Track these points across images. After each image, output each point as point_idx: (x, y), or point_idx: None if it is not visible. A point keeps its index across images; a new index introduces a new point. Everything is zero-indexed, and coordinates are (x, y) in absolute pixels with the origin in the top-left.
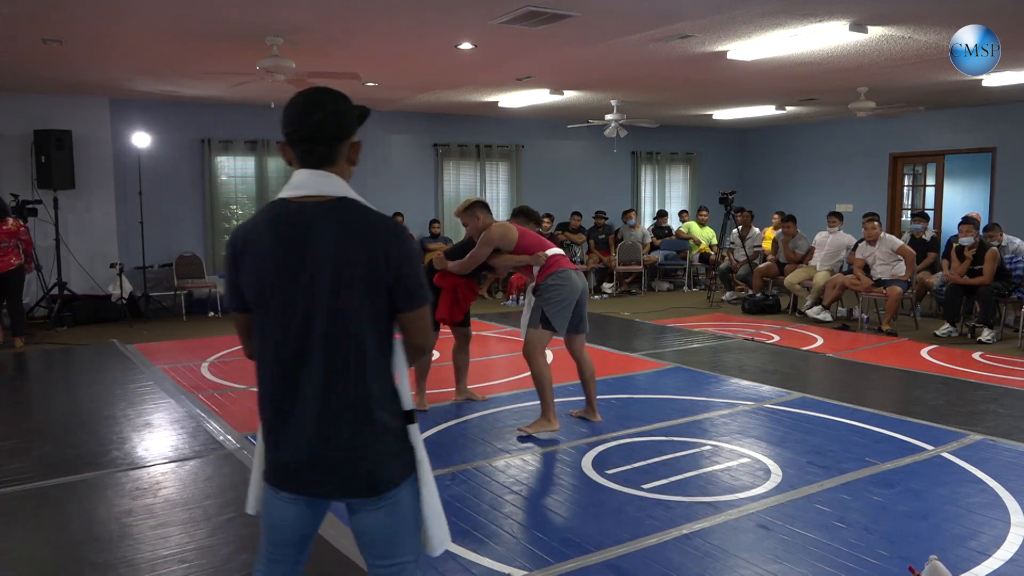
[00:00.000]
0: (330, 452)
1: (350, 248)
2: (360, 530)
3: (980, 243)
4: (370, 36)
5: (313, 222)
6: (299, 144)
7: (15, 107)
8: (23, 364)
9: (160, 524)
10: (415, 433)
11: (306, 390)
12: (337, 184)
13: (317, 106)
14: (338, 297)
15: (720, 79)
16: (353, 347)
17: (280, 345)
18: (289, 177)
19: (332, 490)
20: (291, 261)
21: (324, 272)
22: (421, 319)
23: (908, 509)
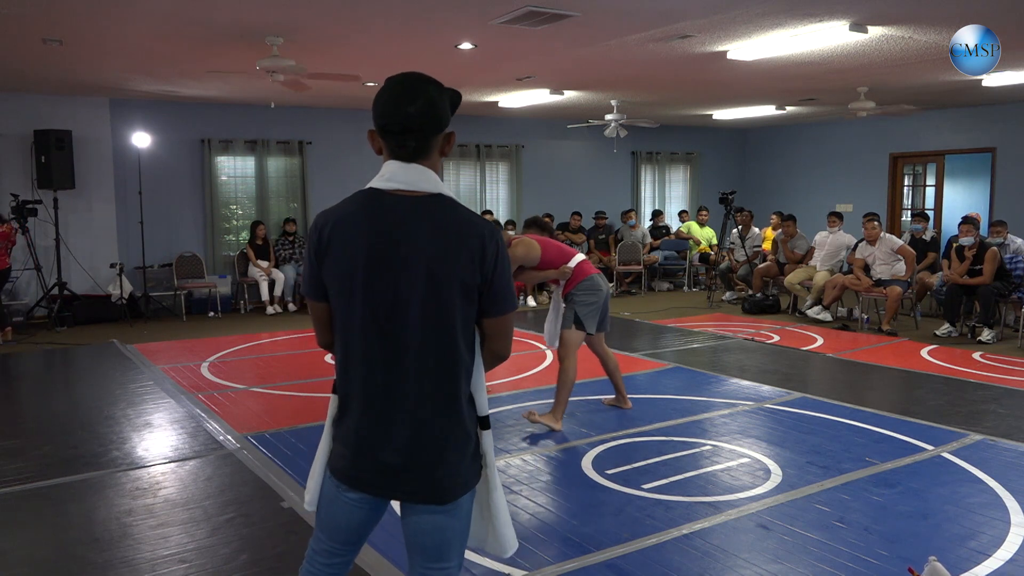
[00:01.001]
0: (412, 459)
1: (445, 247)
2: (416, 531)
3: (980, 243)
4: (370, 36)
5: (409, 218)
6: (392, 136)
7: (15, 107)
8: (23, 364)
9: (160, 524)
10: (488, 440)
11: (398, 390)
12: (431, 179)
13: (412, 96)
14: (434, 297)
15: (720, 79)
16: (447, 349)
17: (370, 341)
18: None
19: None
20: (385, 257)
21: (419, 271)
22: (507, 324)
23: (908, 509)
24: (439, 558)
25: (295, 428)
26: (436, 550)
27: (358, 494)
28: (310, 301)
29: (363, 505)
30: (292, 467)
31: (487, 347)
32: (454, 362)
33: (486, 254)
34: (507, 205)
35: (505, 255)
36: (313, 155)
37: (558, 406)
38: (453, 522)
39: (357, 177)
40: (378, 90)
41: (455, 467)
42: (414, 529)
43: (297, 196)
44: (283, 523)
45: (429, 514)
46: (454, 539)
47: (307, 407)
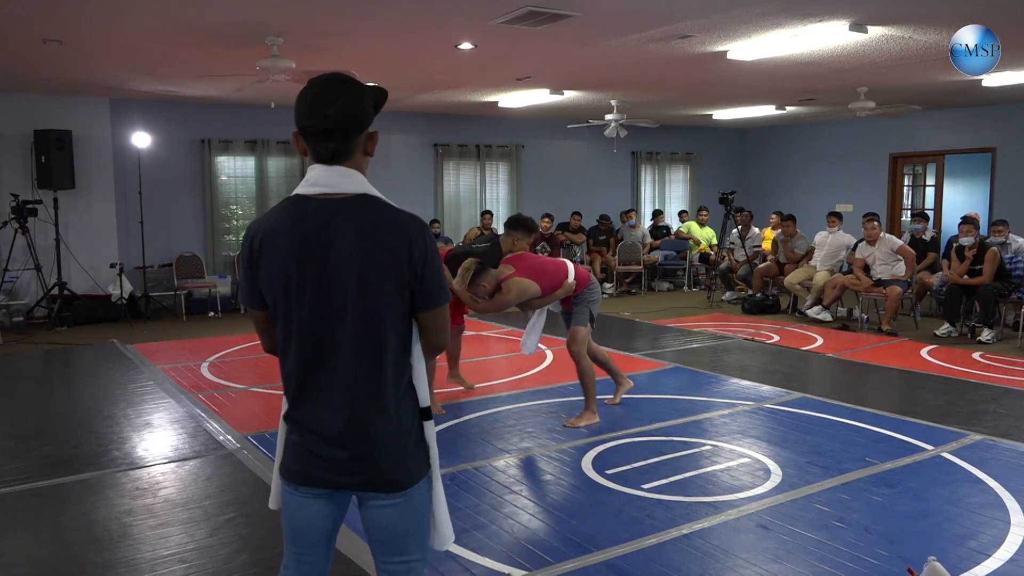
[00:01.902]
0: (353, 447)
1: (373, 247)
2: (372, 526)
3: (980, 243)
4: (370, 36)
5: (333, 220)
6: (313, 138)
7: (15, 107)
8: (23, 364)
9: (160, 524)
10: (430, 430)
11: (331, 387)
12: (356, 180)
13: (331, 97)
14: (364, 297)
15: (720, 79)
16: (378, 346)
17: (304, 343)
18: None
19: (352, 483)
20: (313, 260)
21: (348, 272)
22: (441, 317)
23: (908, 509)
24: (398, 551)
25: None
26: (393, 543)
27: (309, 490)
28: (250, 310)
29: (317, 501)
30: None
31: (425, 340)
32: (387, 358)
33: (413, 250)
34: (507, 205)
35: (435, 250)
36: None
37: (591, 400)
38: (407, 515)
39: None
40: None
41: (398, 457)
42: (370, 523)
43: None
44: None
45: (382, 506)
46: (411, 531)
47: None
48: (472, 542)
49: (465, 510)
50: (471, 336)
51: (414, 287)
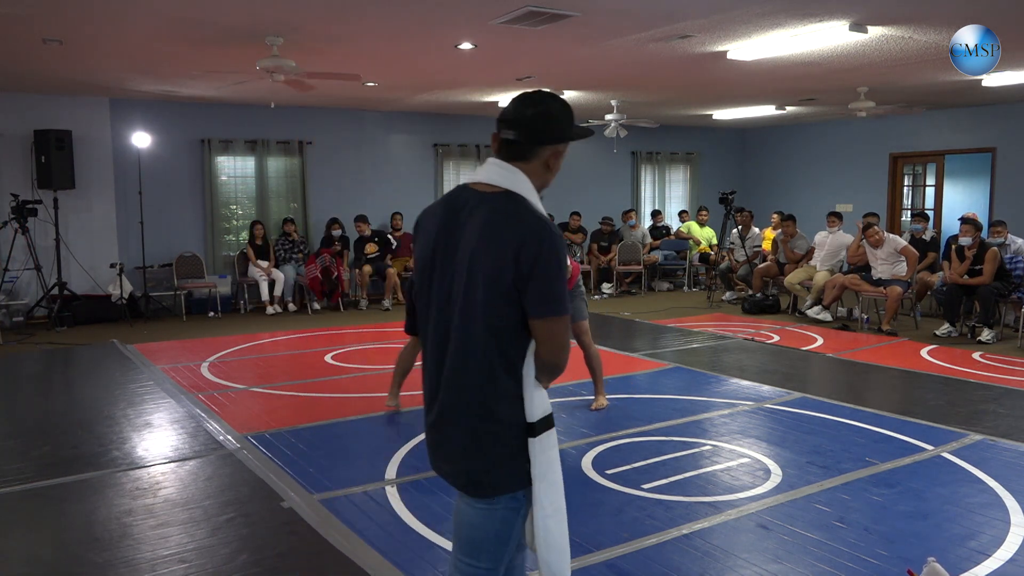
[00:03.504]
0: (445, 441)
1: (487, 242)
2: (455, 519)
3: (980, 243)
4: (370, 36)
5: (468, 212)
6: (502, 131)
7: (15, 107)
8: (23, 364)
9: (160, 524)
10: (536, 447)
11: (441, 378)
12: (514, 178)
13: (534, 103)
14: (469, 291)
15: (720, 79)
16: (476, 343)
17: (429, 329)
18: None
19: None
20: (446, 247)
21: (463, 264)
22: (549, 330)
23: (908, 509)
24: (469, 553)
25: (295, 428)
26: (467, 544)
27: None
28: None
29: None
30: (292, 467)
31: (536, 352)
32: (487, 359)
33: (522, 251)
34: None
35: (551, 257)
36: (313, 155)
37: (601, 385)
38: (486, 523)
39: (357, 177)
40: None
41: (485, 465)
42: (455, 516)
43: (297, 196)
44: (283, 523)
45: (466, 505)
46: (486, 541)
47: (307, 407)
48: None
49: None
50: None
51: (521, 290)
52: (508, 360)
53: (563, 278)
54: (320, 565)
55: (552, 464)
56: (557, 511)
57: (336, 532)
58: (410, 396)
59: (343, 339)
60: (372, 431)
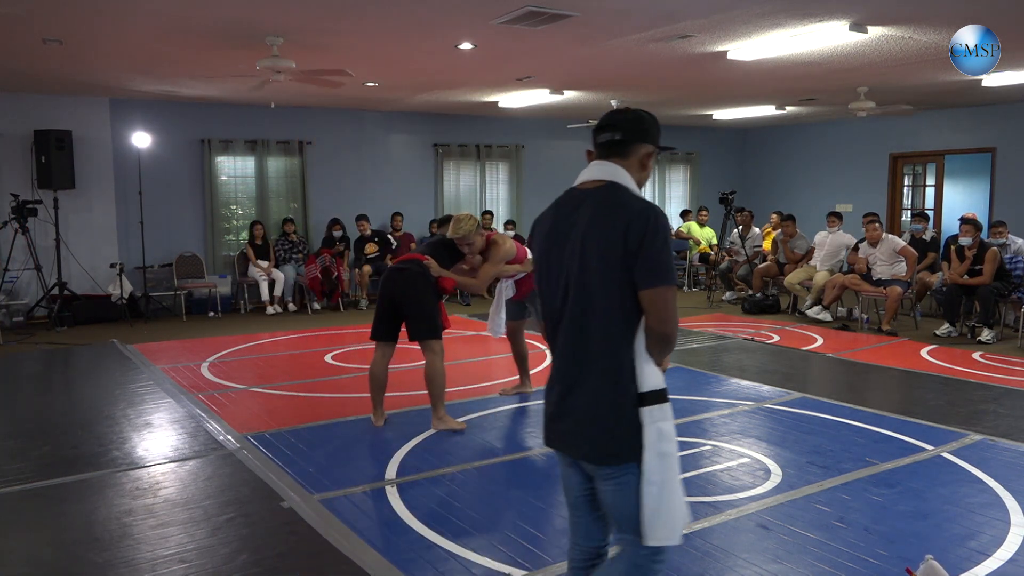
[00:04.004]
0: (566, 414)
1: (597, 226)
2: (599, 497)
3: (980, 243)
4: (370, 36)
5: (578, 205)
6: (601, 133)
7: (15, 107)
8: (23, 364)
9: (160, 524)
10: (647, 417)
11: (563, 353)
12: (614, 171)
13: (630, 109)
14: (584, 272)
15: (720, 79)
16: (593, 320)
17: (549, 315)
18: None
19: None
20: (558, 239)
21: (576, 248)
22: (658, 300)
23: (908, 509)
24: (616, 526)
25: (295, 428)
26: (611, 517)
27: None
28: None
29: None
30: (292, 467)
31: (646, 322)
32: (598, 334)
33: (630, 229)
34: (507, 205)
35: (657, 232)
36: (313, 155)
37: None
38: (617, 492)
39: (357, 177)
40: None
41: (604, 433)
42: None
43: (297, 196)
44: (283, 523)
45: (599, 478)
46: (620, 509)
47: (307, 407)
48: (472, 542)
49: (465, 510)
50: (472, 336)
51: (631, 264)
52: (625, 335)
53: (669, 252)
54: (320, 565)
55: (662, 436)
56: (666, 482)
57: (336, 532)
58: (398, 398)
59: (343, 339)
60: (372, 431)
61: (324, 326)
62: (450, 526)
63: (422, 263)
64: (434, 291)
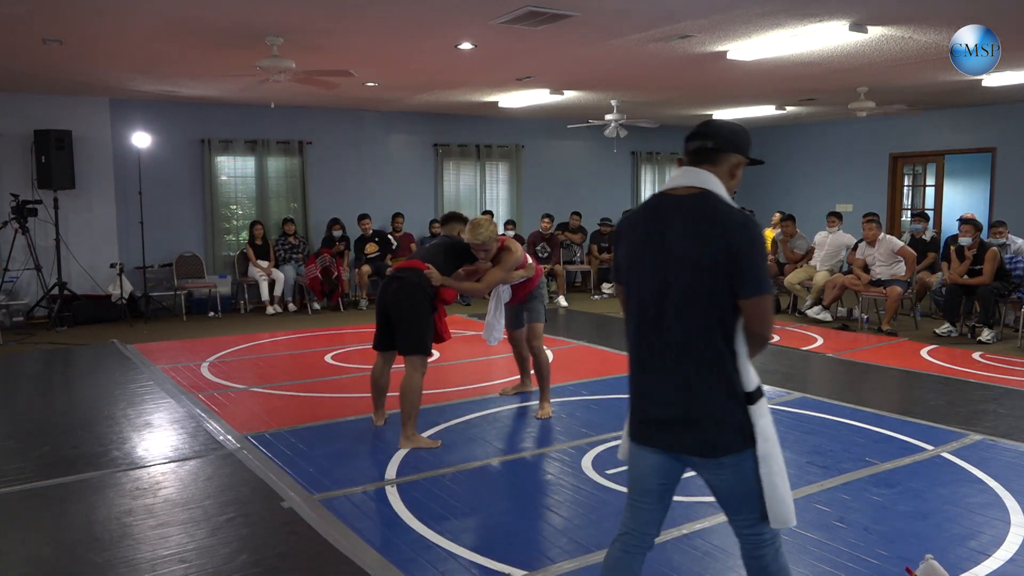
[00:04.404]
0: (675, 413)
1: (699, 235)
2: (709, 486)
3: (980, 243)
4: (370, 36)
5: (673, 211)
6: (693, 140)
7: (15, 107)
8: (23, 364)
9: (160, 524)
10: (755, 412)
11: (660, 358)
12: (707, 179)
13: (723, 121)
14: (688, 278)
15: (720, 79)
16: (702, 325)
17: (640, 316)
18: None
19: (678, 446)
20: (653, 243)
21: (676, 255)
22: (759, 307)
23: (908, 509)
24: (736, 510)
25: (295, 428)
26: (724, 503)
27: (643, 447)
28: (614, 284)
29: (653, 457)
30: (292, 467)
31: (745, 327)
32: (713, 337)
33: (730, 240)
34: (507, 205)
35: (755, 244)
36: (313, 155)
37: (547, 394)
38: (734, 479)
39: (357, 177)
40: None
41: (712, 428)
42: (706, 483)
43: (297, 196)
44: (283, 523)
45: (708, 470)
46: (734, 495)
47: (307, 407)
48: (472, 542)
49: (465, 510)
50: (473, 336)
51: (732, 274)
52: (726, 338)
53: (766, 261)
54: (320, 565)
55: (770, 427)
56: (781, 467)
57: (336, 532)
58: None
59: (343, 339)
60: (372, 431)
61: (324, 326)
62: (450, 526)
63: (421, 272)
64: (430, 303)
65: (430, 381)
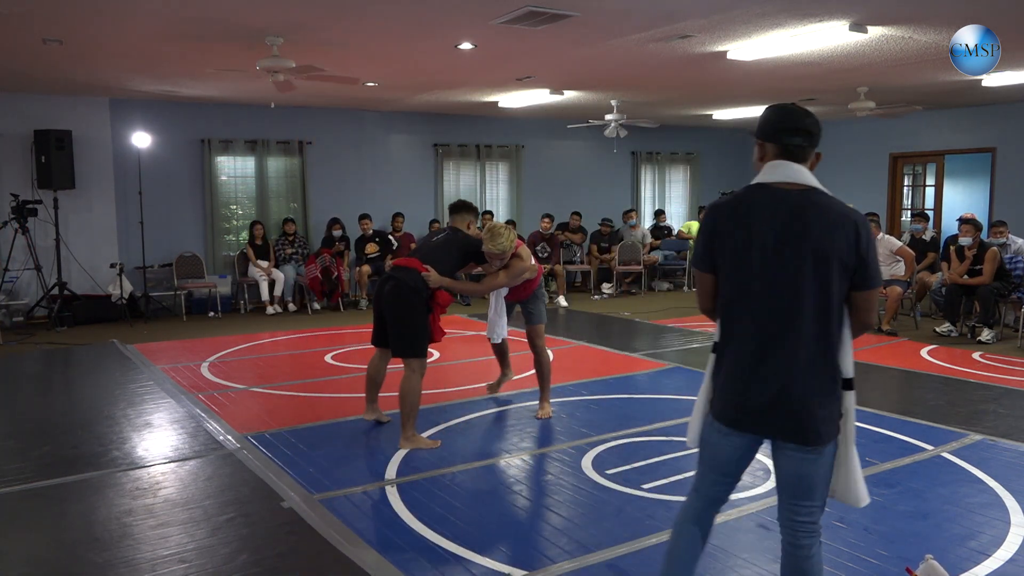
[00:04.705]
0: (782, 400)
1: (829, 231)
2: (786, 472)
3: (980, 243)
4: (370, 36)
5: (799, 206)
6: (792, 137)
7: (15, 107)
8: (23, 364)
9: (160, 524)
10: (849, 401)
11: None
12: (808, 176)
13: (805, 113)
14: (818, 273)
15: (720, 79)
16: (824, 316)
17: (761, 307)
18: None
19: (777, 433)
20: (780, 238)
21: (808, 250)
22: (873, 298)
23: (908, 509)
24: (804, 496)
25: (295, 428)
26: (801, 489)
27: (735, 432)
28: (699, 272)
29: (738, 440)
30: (292, 467)
31: (855, 317)
32: (828, 328)
33: (860, 238)
34: (507, 205)
35: (871, 240)
36: (313, 155)
37: (548, 394)
38: (816, 467)
39: (357, 177)
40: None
41: (819, 416)
42: (784, 468)
43: (297, 196)
44: (283, 523)
45: (797, 455)
46: (817, 481)
47: (307, 407)
48: (472, 542)
49: (465, 510)
50: (473, 336)
51: (856, 269)
52: (839, 326)
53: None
54: (320, 565)
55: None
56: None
57: (336, 532)
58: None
59: (343, 339)
60: (372, 431)
61: (324, 326)
62: (450, 526)
63: (418, 274)
64: (426, 305)
65: (430, 381)
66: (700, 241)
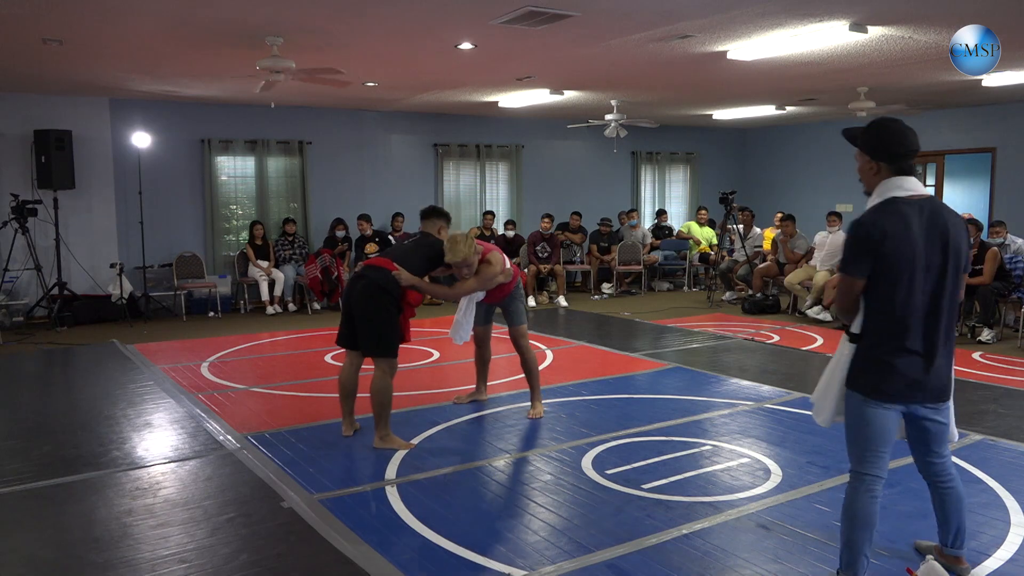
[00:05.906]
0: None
1: (957, 234)
2: (924, 429)
3: (980, 243)
4: (370, 36)
5: (933, 211)
6: (907, 160)
7: (15, 107)
8: (23, 364)
9: (160, 524)
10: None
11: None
12: (922, 186)
13: (914, 133)
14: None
15: (720, 79)
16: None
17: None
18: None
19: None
20: (931, 243)
21: (948, 252)
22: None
23: (908, 509)
24: (938, 445)
25: (295, 428)
26: (934, 440)
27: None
28: (852, 278)
29: (892, 413)
30: (292, 467)
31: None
32: (955, 304)
33: (969, 239)
34: (507, 205)
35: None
36: (313, 155)
37: (538, 393)
38: (946, 418)
39: (357, 177)
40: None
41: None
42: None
43: (297, 196)
44: (283, 523)
45: (933, 415)
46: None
47: (307, 407)
48: (472, 542)
49: (466, 510)
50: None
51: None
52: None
53: None
54: (320, 565)
55: None
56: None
57: (336, 532)
58: (397, 398)
59: None
60: (372, 431)
61: (324, 326)
62: (450, 526)
63: (389, 273)
64: (396, 305)
65: (430, 381)
66: (862, 249)
